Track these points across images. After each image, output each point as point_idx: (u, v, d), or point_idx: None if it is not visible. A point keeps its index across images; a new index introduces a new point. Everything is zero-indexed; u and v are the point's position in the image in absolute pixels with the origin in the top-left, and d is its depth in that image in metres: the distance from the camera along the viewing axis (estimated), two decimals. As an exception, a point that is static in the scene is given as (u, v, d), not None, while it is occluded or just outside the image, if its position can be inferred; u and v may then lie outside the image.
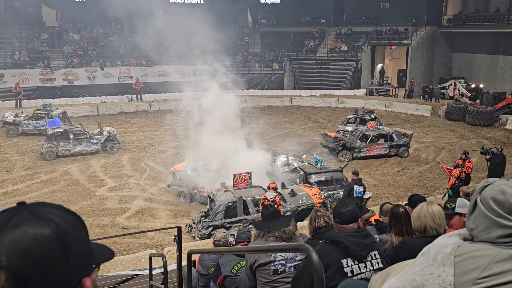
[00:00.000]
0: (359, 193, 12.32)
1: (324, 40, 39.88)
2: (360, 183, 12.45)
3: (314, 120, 28.88)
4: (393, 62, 40.26)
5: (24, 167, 18.73)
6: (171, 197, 15.68)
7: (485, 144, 21.45)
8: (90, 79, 32.35)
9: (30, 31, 34.84)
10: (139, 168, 18.88)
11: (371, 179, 17.84)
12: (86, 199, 15.61)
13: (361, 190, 12.38)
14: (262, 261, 3.71)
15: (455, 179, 13.65)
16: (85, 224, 1.09)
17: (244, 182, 13.40)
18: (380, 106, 31.53)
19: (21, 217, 0.98)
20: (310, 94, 34.75)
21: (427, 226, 3.44)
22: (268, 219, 3.91)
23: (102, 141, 20.80)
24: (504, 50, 32.58)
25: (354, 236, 3.03)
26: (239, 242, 5.37)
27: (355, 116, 23.85)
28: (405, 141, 20.79)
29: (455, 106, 28.62)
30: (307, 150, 20.64)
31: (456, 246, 1.37)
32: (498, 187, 1.37)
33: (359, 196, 12.31)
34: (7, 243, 0.94)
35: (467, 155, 14.68)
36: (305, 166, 15.64)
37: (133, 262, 9.49)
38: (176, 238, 5.74)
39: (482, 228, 1.37)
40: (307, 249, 1.89)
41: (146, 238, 12.50)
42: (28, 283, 0.94)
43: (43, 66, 31.56)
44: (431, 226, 3.43)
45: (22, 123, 23.56)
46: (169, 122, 22.95)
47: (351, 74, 36.57)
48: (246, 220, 12.59)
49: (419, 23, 36.07)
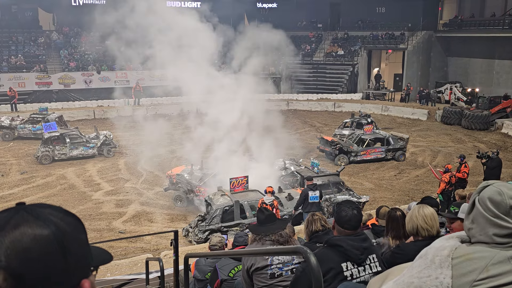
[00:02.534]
0: (314, 198, 12.13)
1: (321, 44, 40.01)
2: (315, 188, 12.30)
3: (311, 124, 28.92)
4: (389, 66, 40.42)
5: (20, 171, 18.66)
6: (168, 201, 15.65)
7: (481, 148, 21.53)
8: (87, 83, 32.31)
9: (26, 35, 34.80)
10: (135, 172, 18.84)
11: (367, 183, 17.87)
12: (82, 203, 15.56)
13: (317, 195, 12.20)
14: (259, 265, 3.71)
15: (445, 184, 13.59)
16: (84, 226, 1.09)
17: (241, 186, 13.40)
18: (376, 110, 31.61)
19: (21, 217, 0.98)
20: (306, 98, 34.82)
21: (419, 227, 3.46)
22: (263, 222, 3.90)
23: (99, 145, 20.76)
24: (499, 54, 32.78)
25: (353, 240, 3.02)
26: (236, 246, 5.37)
27: (351, 120, 23.90)
28: (402, 145, 20.83)
29: (451, 110, 28.73)
30: (304, 154, 20.66)
31: (453, 248, 1.38)
32: (496, 188, 1.38)
33: (315, 201, 12.11)
34: (6, 243, 0.94)
35: (463, 159, 14.69)
36: (302, 170, 15.65)
37: (129, 267, 9.46)
38: (172, 242, 5.73)
39: (480, 228, 1.38)
40: (305, 252, 1.90)
41: (142, 242, 12.46)
42: (26, 283, 0.94)
43: (39, 70, 31.50)
44: (423, 227, 3.46)
45: (18, 127, 23.48)
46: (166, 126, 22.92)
47: (347, 78, 36.67)
48: (243, 224, 12.58)
49: (415, 28, 36.25)
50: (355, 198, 14.08)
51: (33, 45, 34.11)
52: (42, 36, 35.05)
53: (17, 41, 34.19)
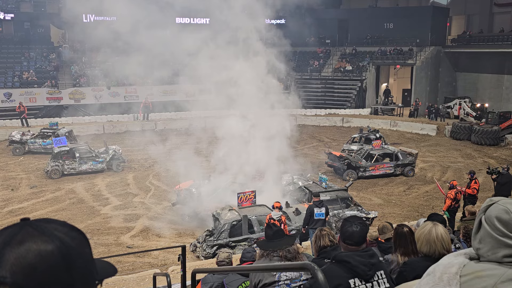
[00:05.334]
0: (320, 215, 11.72)
1: (329, 59, 40.15)
2: (321, 205, 11.90)
3: (319, 139, 28.88)
4: (397, 82, 40.41)
5: (30, 186, 18.78)
6: (176, 216, 15.62)
7: (491, 164, 21.33)
8: (97, 98, 32.63)
9: (38, 51, 35.32)
10: (144, 187, 18.88)
11: (376, 199, 17.74)
12: (90, 217, 15.59)
13: (323, 212, 11.74)
14: (267, 281, 3.68)
15: (451, 201, 13.29)
16: (88, 240, 1.10)
17: (249, 200, 13.37)
18: (385, 125, 31.53)
19: (26, 233, 0.99)
20: (315, 113, 34.84)
21: (436, 252, 3.35)
22: (272, 238, 3.89)
23: (108, 159, 20.86)
24: (508, 70, 32.71)
25: (361, 256, 3.00)
26: (244, 261, 5.33)
27: (360, 135, 23.84)
28: (411, 160, 20.71)
29: (461, 125, 28.59)
30: (312, 169, 20.60)
31: (462, 266, 1.36)
32: (503, 206, 1.36)
33: (321, 218, 11.69)
34: (12, 259, 0.95)
35: (473, 175, 14.53)
36: (310, 185, 15.59)
37: (137, 282, 9.42)
38: (180, 257, 5.71)
39: (488, 248, 1.36)
40: (312, 268, 1.88)
41: (150, 257, 12.42)
42: None
43: (50, 86, 31.91)
44: (441, 252, 3.35)
45: (28, 142, 23.71)
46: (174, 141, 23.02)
47: (355, 94, 36.69)
48: (251, 239, 12.51)
49: (424, 43, 36.31)
50: (364, 213, 13.97)
51: (44, 61, 34.60)
52: (54, 52, 35.56)
53: (29, 57, 34.72)
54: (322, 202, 12.18)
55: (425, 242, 3.40)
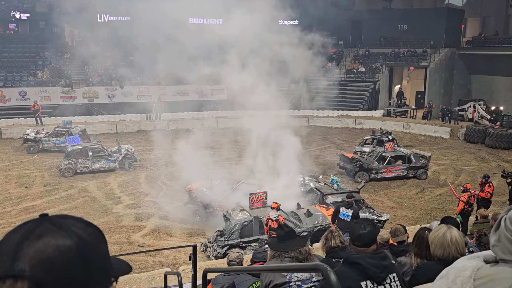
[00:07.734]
0: (346, 216, 11.58)
1: (342, 61, 39.99)
2: (350, 206, 11.75)
3: (331, 141, 28.78)
4: (411, 84, 40.10)
5: (43, 183, 18.98)
6: (187, 215, 15.67)
7: (505, 167, 21.07)
8: (110, 97, 32.91)
9: (53, 50, 35.71)
10: (155, 186, 18.98)
11: (388, 201, 17.63)
12: (103, 216, 15.71)
13: (349, 214, 11.54)
14: (278, 282, 3.67)
15: (463, 204, 13.13)
16: (104, 236, 1.11)
17: (260, 201, 13.37)
18: (398, 128, 31.31)
19: (44, 228, 1.00)
20: (327, 114, 34.72)
21: (450, 255, 3.31)
22: (283, 239, 3.89)
23: (120, 158, 21.00)
24: (524, 72, 32.28)
25: (372, 258, 2.98)
26: (255, 262, 5.33)
27: (372, 137, 23.71)
28: (424, 163, 20.53)
29: (475, 128, 28.28)
30: (324, 171, 20.53)
31: (476, 269, 1.35)
32: None
33: (346, 219, 11.50)
34: (30, 253, 0.96)
35: (487, 179, 14.34)
36: (322, 187, 15.54)
37: (148, 280, 9.47)
38: (191, 256, 5.72)
39: (502, 246, 1.35)
40: (325, 269, 1.87)
41: (161, 256, 12.49)
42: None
43: (64, 85, 32.23)
44: (455, 256, 3.31)
45: (42, 140, 23.98)
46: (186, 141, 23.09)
47: (368, 95, 36.49)
48: (261, 240, 12.51)
49: (438, 45, 35.98)
50: (375, 216, 13.88)
51: (59, 60, 34.96)
52: (68, 51, 35.92)
53: (44, 56, 35.11)
54: (352, 205, 12.01)
55: (439, 245, 3.36)
